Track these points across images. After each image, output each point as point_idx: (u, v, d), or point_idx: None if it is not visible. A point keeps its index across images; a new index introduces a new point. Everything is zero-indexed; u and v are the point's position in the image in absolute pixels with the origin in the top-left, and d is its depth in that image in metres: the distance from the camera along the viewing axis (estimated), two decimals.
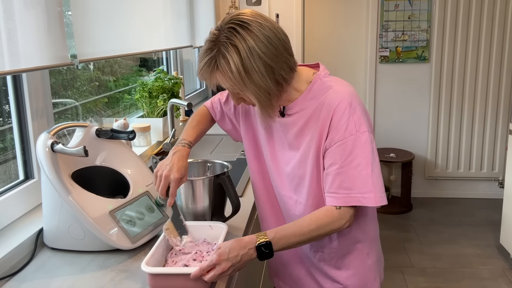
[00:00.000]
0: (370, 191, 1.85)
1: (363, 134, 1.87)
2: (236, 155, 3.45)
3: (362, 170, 1.86)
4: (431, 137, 6.64)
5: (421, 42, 6.38)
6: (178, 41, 4.19)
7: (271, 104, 1.90)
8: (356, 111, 1.89)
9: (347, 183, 1.87)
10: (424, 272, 4.91)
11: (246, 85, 1.82)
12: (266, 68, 1.80)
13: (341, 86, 1.95)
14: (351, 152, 1.86)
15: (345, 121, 1.87)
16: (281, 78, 1.86)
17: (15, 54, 1.93)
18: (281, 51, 1.83)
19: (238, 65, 1.77)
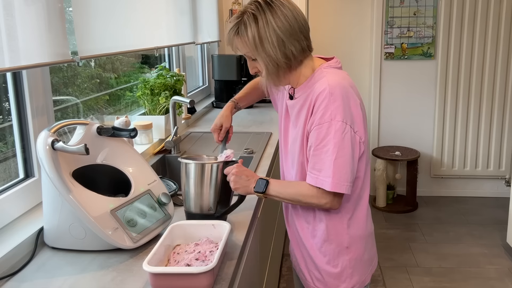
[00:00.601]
0: (329, 176, 2.08)
1: (336, 123, 2.07)
2: (239, 153, 3.44)
3: (329, 156, 2.08)
4: (437, 135, 6.63)
5: (427, 39, 6.36)
6: (180, 38, 4.19)
7: (278, 74, 2.18)
8: (336, 101, 2.09)
9: (318, 165, 2.11)
10: (430, 271, 4.90)
11: (258, 52, 2.12)
12: (278, 40, 2.08)
13: (332, 76, 2.17)
14: (324, 137, 2.09)
15: (323, 108, 2.09)
16: (290, 53, 2.12)
17: (15, 51, 1.93)
18: (295, 30, 2.11)
19: (254, 32, 2.09)
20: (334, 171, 2.07)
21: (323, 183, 2.09)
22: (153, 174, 2.33)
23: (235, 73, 5.35)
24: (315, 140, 2.12)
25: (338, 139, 2.07)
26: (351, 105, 2.12)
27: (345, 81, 2.17)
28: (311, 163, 2.14)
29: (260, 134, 4.03)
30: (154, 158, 3.38)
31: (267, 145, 3.70)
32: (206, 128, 4.37)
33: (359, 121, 2.15)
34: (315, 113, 2.12)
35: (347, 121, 2.08)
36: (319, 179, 2.10)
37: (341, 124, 2.07)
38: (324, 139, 2.09)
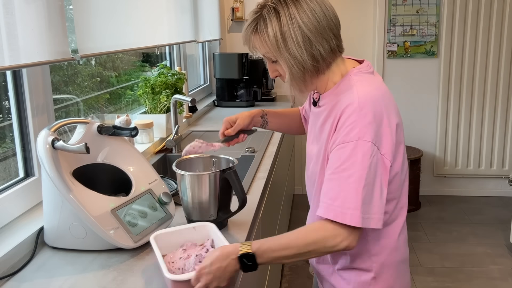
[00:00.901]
0: (354, 208, 1.72)
1: (365, 143, 1.75)
2: (241, 152, 3.44)
3: (352, 183, 1.73)
4: (440, 133, 6.62)
5: (430, 37, 6.36)
6: (181, 36, 4.19)
7: (304, 79, 1.88)
8: (366, 117, 1.77)
9: (332, 192, 1.76)
10: (433, 271, 4.90)
11: (280, 52, 1.84)
12: (303, 39, 1.81)
13: (363, 88, 1.86)
14: (347, 159, 1.75)
15: (350, 124, 1.78)
16: (318, 54, 1.84)
17: (15, 49, 1.93)
18: (324, 27, 1.83)
19: (276, 30, 1.81)
20: (362, 202, 1.72)
21: (338, 215, 1.73)
22: (154, 173, 2.33)
23: (237, 72, 5.35)
24: (335, 162, 1.78)
25: (366, 164, 1.73)
26: (383, 124, 1.81)
27: (379, 92, 1.87)
28: (324, 189, 1.80)
29: (262, 133, 4.02)
30: (155, 157, 3.38)
31: (269, 144, 3.70)
32: (207, 127, 4.37)
33: (388, 141, 1.81)
34: (339, 130, 1.81)
35: (376, 142, 1.76)
36: (332, 207, 1.75)
37: (370, 146, 1.75)
38: (346, 161, 1.75)
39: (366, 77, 1.94)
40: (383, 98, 1.87)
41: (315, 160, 2.00)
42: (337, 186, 1.75)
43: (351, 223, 1.71)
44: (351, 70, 1.95)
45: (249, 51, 1.98)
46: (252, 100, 5.45)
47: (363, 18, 6.45)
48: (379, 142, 1.78)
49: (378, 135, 1.78)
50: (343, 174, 1.74)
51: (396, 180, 1.90)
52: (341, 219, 1.72)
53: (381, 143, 1.78)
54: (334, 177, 1.77)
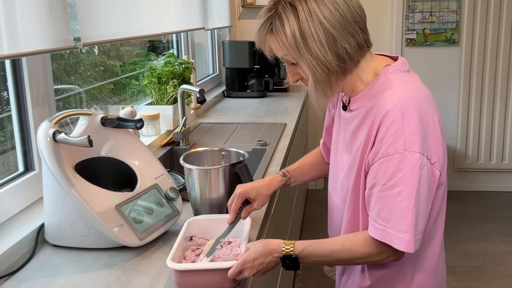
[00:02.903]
0: (406, 231, 1.66)
1: (412, 155, 1.65)
2: (252, 145, 3.43)
3: (403, 202, 1.65)
4: (461, 126, 6.59)
5: (451, 24, 6.32)
6: (189, 23, 4.18)
7: (329, 82, 1.74)
8: (410, 124, 1.67)
9: (385, 212, 1.69)
10: (454, 271, 4.89)
11: (301, 53, 1.71)
12: (326, 36, 1.68)
13: (402, 88, 1.75)
14: (393, 174, 1.66)
15: (392, 134, 1.67)
16: (344, 52, 1.71)
17: (14, 37, 1.92)
18: (348, 20, 1.71)
19: (294, 28, 1.68)
20: (413, 223, 1.65)
21: (392, 239, 1.68)
22: (161, 167, 2.32)
23: (247, 61, 5.33)
24: (381, 177, 1.69)
25: (416, 179, 1.64)
26: (430, 129, 1.71)
27: (420, 93, 1.77)
28: (376, 209, 1.72)
29: (274, 125, 4.01)
30: (161, 150, 3.38)
31: (281, 136, 3.69)
32: (217, 119, 4.36)
33: (439, 148, 1.74)
34: (382, 140, 1.70)
35: (425, 152, 1.67)
36: (386, 231, 1.69)
37: (419, 157, 1.65)
38: (393, 177, 1.66)
39: (404, 76, 1.83)
40: (426, 100, 1.77)
41: (347, 172, 1.90)
42: (387, 206, 1.68)
43: (403, 249, 1.67)
44: (386, 69, 1.83)
45: (266, 54, 1.82)
46: (264, 91, 5.43)
47: (380, 4, 6.42)
48: (427, 151, 1.68)
49: (426, 143, 1.69)
50: (392, 192, 1.67)
51: (439, 193, 1.84)
52: (395, 244, 1.68)
53: (430, 151, 1.69)
54: (383, 195, 1.69)
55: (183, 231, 1.96)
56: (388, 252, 1.72)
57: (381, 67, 1.84)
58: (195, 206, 2.25)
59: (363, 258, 1.75)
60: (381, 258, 1.74)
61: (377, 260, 1.75)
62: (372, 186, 1.73)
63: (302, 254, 1.77)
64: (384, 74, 1.81)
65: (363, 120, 1.80)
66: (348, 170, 1.89)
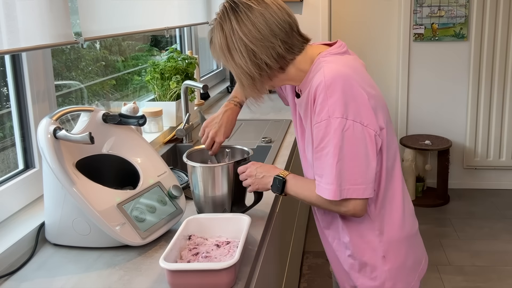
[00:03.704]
0: (331, 183, 1.95)
1: (335, 120, 1.93)
2: (256, 142, 3.43)
3: (329, 159, 1.94)
4: (470, 122, 6.57)
5: (459, 18, 6.31)
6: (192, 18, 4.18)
7: (255, 87, 2.08)
8: (333, 94, 1.94)
9: (319, 170, 2.00)
10: (463, 270, 4.88)
11: (228, 63, 2.06)
12: (247, 50, 1.99)
13: (330, 66, 2.01)
14: (322, 138, 1.96)
15: (320, 104, 1.96)
16: (263, 63, 2.01)
17: (14, 32, 1.92)
18: (267, 36, 1.99)
19: (221, 43, 2.03)
20: (336, 177, 1.93)
21: (323, 191, 1.97)
22: (163, 165, 2.32)
23: None
24: (315, 141, 2.00)
25: (338, 139, 1.91)
26: (356, 95, 1.95)
27: (346, 68, 2.01)
28: (314, 168, 2.05)
29: (279, 122, 4.01)
30: (164, 147, 3.38)
31: (286, 133, 3.68)
32: None
33: (368, 112, 1.96)
34: (314, 111, 2.00)
35: (349, 116, 1.92)
36: (320, 186, 1.99)
37: (340, 121, 1.91)
38: (323, 140, 1.95)
39: (335, 57, 2.09)
40: (352, 74, 2.01)
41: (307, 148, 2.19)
42: (320, 165, 1.98)
43: (329, 197, 1.96)
44: (320, 55, 2.10)
45: None
46: None
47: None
48: (356, 115, 1.94)
49: (353, 109, 1.94)
50: (322, 153, 1.97)
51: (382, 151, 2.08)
52: (324, 195, 1.98)
53: (359, 115, 1.95)
54: (317, 156, 2.00)
55: (181, 230, 1.96)
56: (347, 206, 2.00)
57: (315, 55, 2.11)
58: (198, 205, 2.25)
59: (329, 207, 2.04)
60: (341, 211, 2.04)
61: (338, 212, 2.07)
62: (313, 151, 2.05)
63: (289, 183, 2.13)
64: (318, 59, 2.09)
65: (307, 101, 2.08)
66: (307, 146, 2.19)
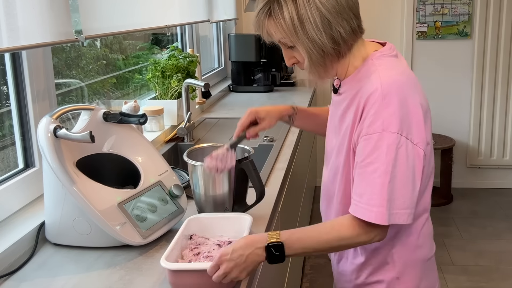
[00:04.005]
0: (379, 205, 1.75)
1: (390, 135, 1.75)
2: (258, 141, 3.42)
3: (377, 178, 1.76)
4: (474, 121, 6.56)
5: (463, 16, 6.30)
6: (194, 15, 4.17)
7: (324, 64, 1.86)
8: (390, 106, 1.77)
9: (359, 188, 1.80)
10: (466, 270, 4.87)
11: (298, 37, 1.81)
12: (322, 21, 1.78)
13: (386, 72, 1.86)
14: (371, 152, 1.78)
15: (372, 115, 1.79)
16: (339, 36, 1.82)
17: (14, 30, 1.92)
18: (343, 6, 1.81)
19: (292, 12, 1.79)
20: (388, 198, 1.74)
21: (365, 213, 1.77)
22: (165, 164, 2.32)
23: (254, 54, 5.32)
24: (360, 155, 1.81)
25: (391, 157, 1.74)
26: (410, 110, 1.80)
27: (403, 77, 1.88)
28: (354, 185, 1.84)
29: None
30: (165, 146, 3.38)
31: (288, 132, 3.68)
32: (222, 114, 4.36)
33: (420, 128, 1.81)
34: (364, 120, 1.81)
35: (403, 132, 1.76)
36: (359, 206, 1.78)
37: (395, 137, 1.75)
38: (371, 155, 1.77)
39: (389, 60, 1.94)
40: (409, 83, 1.87)
41: (336, 153, 2.01)
42: (363, 182, 1.79)
43: (376, 221, 1.75)
44: (373, 54, 1.95)
45: (263, 37, 1.95)
46: (271, 85, 5.42)
47: None
48: (407, 131, 1.77)
49: (407, 124, 1.78)
50: (368, 169, 1.78)
51: (423, 174, 1.88)
52: (367, 217, 1.76)
53: (411, 132, 1.78)
54: (360, 172, 1.80)
55: (182, 229, 1.95)
56: (374, 231, 1.79)
57: (369, 52, 1.96)
58: (199, 204, 2.24)
59: (352, 239, 1.81)
60: (369, 238, 1.80)
61: (365, 241, 1.81)
62: (355, 165, 1.85)
63: (289, 241, 1.78)
64: (370, 59, 1.93)
65: (350, 103, 1.92)
66: (337, 152, 2.00)
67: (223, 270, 1.70)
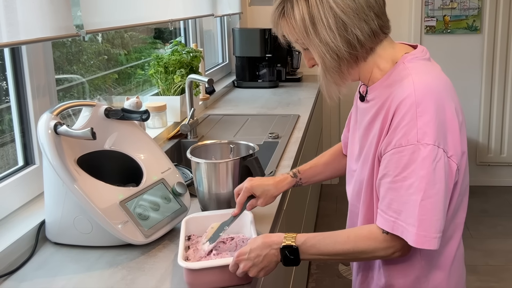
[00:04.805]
0: (413, 225, 1.65)
1: (425, 147, 1.63)
2: (263, 137, 3.42)
3: (413, 195, 1.65)
4: (483, 117, 6.56)
5: (472, 10, 6.29)
6: (197, 9, 4.17)
7: (339, 69, 1.75)
8: (425, 114, 1.65)
9: (396, 204, 1.69)
10: (476, 270, 4.87)
11: (310, 38, 1.72)
12: (337, 22, 1.68)
13: (420, 77, 1.73)
14: (406, 166, 1.66)
15: (406, 124, 1.67)
16: (355, 39, 1.71)
17: (13, 24, 1.92)
18: (361, 6, 1.71)
19: (303, 13, 1.70)
20: (420, 218, 1.63)
21: (403, 232, 1.66)
22: (167, 161, 2.32)
23: (259, 49, 5.32)
24: (393, 168, 1.69)
25: (427, 171, 1.63)
26: (447, 119, 1.70)
27: (439, 82, 1.77)
28: (386, 199, 1.71)
29: (287, 117, 3.99)
30: (168, 143, 3.38)
31: (294, 128, 3.67)
32: (226, 110, 4.36)
33: (456, 141, 1.71)
34: (395, 130, 1.69)
35: (440, 144, 1.65)
36: (398, 224, 1.67)
37: (431, 149, 1.63)
38: (405, 169, 1.65)
39: (423, 64, 1.82)
40: (445, 90, 1.76)
41: (361, 166, 1.90)
42: (399, 198, 1.68)
43: (411, 242, 1.66)
44: (404, 56, 1.82)
45: (279, 38, 1.86)
46: (276, 81, 5.42)
47: None
48: (443, 143, 1.67)
49: (442, 135, 1.67)
50: (404, 184, 1.67)
51: (456, 189, 1.81)
52: (404, 235, 1.67)
53: (446, 143, 1.68)
54: (395, 187, 1.69)
55: (183, 230, 1.96)
56: (395, 247, 1.71)
57: (400, 55, 1.83)
58: (202, 202, 2.24)
59: (369, 253, 1.74)
60: (387, 253, 1.73)
61: (383, 255, 1.76)
62: (382, 176, 1.73)
63: (304, 246, 1.75)
64: (402, 63, 1.79)
65: (379, 111, 1.80)
66: (362, 163, 1.89)
67: (241, 269, 1.73)
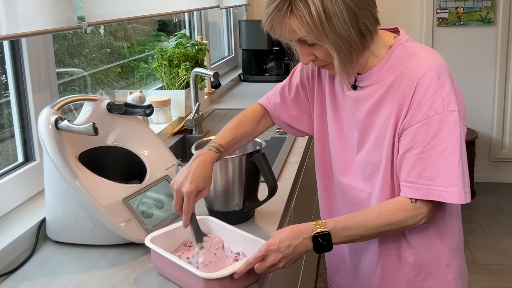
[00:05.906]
0: (455, 185, 1.77)
1: (452, 113, 1.79)
2: (271, 133, 3.41)
3: (448, 158, 1.78)
4: (497, 112, 6.54)
5: (486, 2, 6.27)
6: (203, 1, 4.17)
7: (352, 59, 1.83)
8: (445, 85, 1.82)
9: (429, 172, 1.79)
10: (489, 269, 4.86)
11: (326, 33, 1.74)
12: (349, 14, 1.74)
13: (427, 54, 1.88)
14: (436, 134, 1.78)
15: (431, 97, 1.80)
16: (365, 29, 1.80)
17: (13, 16, 1.92)
18: None
19: (319, 8, 1.71)
20: (460, 177, 1.77)
21: (442, 195, 1.78)
22: (172, 157, 2.32)
23: (266, 42, 5.31)
24: (422, 139, 1.80)
25: (457, 135, 1.78)
26: (456, 88, 1.88)
27: (440, 56, 1.91)
28: (416, 170, 1.82)
29: None
30: (172, 139, 3.38)
31: None
32: (232, 105, 4.35)
33: (461, 103, 1.88)
34: (418, 104, 1.81)
35: (458, 109, 1.82)
36: (433, 189, 1.79)
37: (457, 114, 1.79)
38: (435, 137, 1.78)
39: (418, 43, 1.96)
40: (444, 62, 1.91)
41: (374, 145, 1.96)
42: (432, 165, 1.80)
43: (453, 201, 1.78)
44: (399, 39, 1.94)
45: (278, 38, 1.90)
46: (283, 74, 5.41)
47: None
48: (459, 107, 1.82)
49: (457, 100, 1.83)
50: (435, 151, 1.79)
51: None
52: (443, 198, 1.78)
53: (460, 108, 1.84)
54: (425, 156, 1.80)
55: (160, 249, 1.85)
56: (422, 213, 1.82)
57: (390, 40, 1.95)
58: (208, 200, 2.23)
59: (399, 223, 1.83)
60: (416, 221, 1.83)
61: (411, 224, 1.84)
62: (408, 150, 1.84)
63: (335, 230, 1.83)
64: (400, 44, 1.92)
65: (387, 92, 1.90)
66: (373, 147, 1.96)
67: (270, 262, 1.75)
